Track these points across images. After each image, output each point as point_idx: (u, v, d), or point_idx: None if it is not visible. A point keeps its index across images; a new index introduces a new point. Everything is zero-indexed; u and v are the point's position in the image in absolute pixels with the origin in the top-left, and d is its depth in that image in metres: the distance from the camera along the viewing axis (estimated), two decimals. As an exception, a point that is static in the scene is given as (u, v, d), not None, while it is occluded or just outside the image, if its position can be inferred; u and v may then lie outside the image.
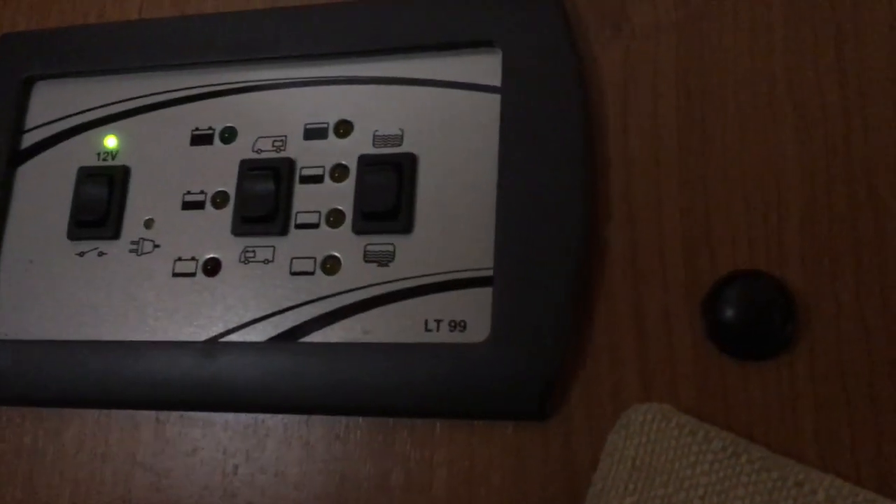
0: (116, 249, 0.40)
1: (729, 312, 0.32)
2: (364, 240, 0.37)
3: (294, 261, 0.38)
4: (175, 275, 0.39)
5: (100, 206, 0.40)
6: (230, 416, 0.37)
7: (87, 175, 0.41)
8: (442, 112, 0.38)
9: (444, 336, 0.35)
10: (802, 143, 0.34)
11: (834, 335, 0.32)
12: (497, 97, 0.37)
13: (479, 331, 0.35)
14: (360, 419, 0.36)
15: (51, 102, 0.43)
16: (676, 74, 0.36)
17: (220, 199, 0.39)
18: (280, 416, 0.36)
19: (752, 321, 0.32)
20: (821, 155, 0.33)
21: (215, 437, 0.37)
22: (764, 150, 0.34)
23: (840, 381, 0.31)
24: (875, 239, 0.32)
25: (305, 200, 0.38)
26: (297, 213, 0.38)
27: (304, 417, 0.36)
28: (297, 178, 0.39)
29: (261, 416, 0.37)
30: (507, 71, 0.37)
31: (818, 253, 0.32)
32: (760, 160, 0.34)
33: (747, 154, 0.34)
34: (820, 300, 0.32)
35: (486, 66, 0.38)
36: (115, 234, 0.40)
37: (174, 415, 0.38)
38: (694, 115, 0.35)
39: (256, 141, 0.40)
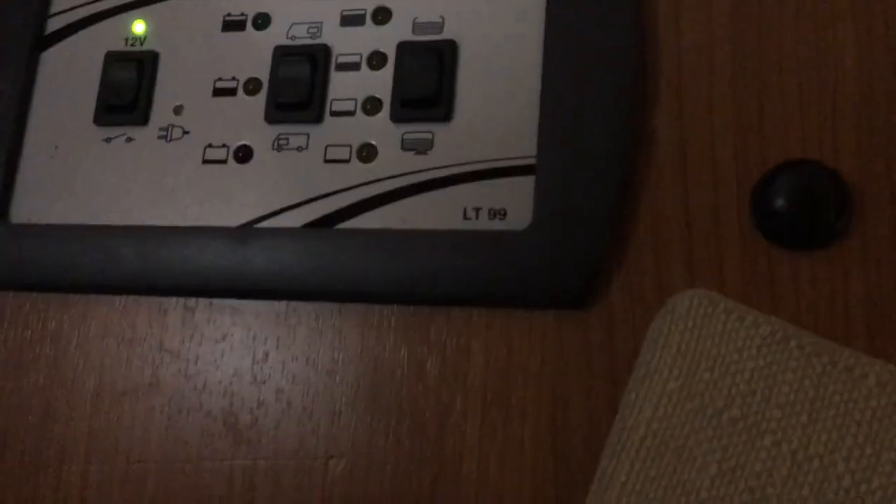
0: (145, 135, 0.39)
1: (781, 200, 0.31)
2: (402, 128, 0.36)
3: (329, 148, 0.37)
4: (205, 161, 0.38)
5: (128, 91, 0.39)
6: (261, 304, 0.36)
7: (115, 59, 0.40)
8: (485, -1, 0.37)
9: (483, 224, 0.34)
10: (860, 32, 0.33)
11: (888, 226, 0.31)
12: (543, -17, 0.36)
13: (519, 219, 0.34)
14: (395, 307, 0.35)
15: (76, -14, 0.42)
16: (731, -38, 0.34)
17: (252, 87, 0.38)
18: (312, 304, 0.36)
19: (805, 209, 0.31)
20: (879, 43, 0.32)
21: (245, 323, 0.36)
22: (820, 37, 0.33)
23: (891, 271, 0.31)
24: (934, 129, 0.31)
25: (341, 88, 0.37)
26: (333, 100, 0.37)
27: (336, 306, 0.35)
28: (332, 65, 0.38)
29: (292, 303, 0.36)
30: (555, -44, 0.36)
31: (873, 143, 0.32)
32: (816, 48, 0.33)
33: (803, 42, 0.33)
34: (874, 191, 0.31)
35: (532, -48, 0.36)
36: (144, 121, 0.39)
37: (203, 301, 0.37)
38: (749, 3, 0.34)
39: (291, 27, 0.39)
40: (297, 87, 0.37)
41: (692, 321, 0.30)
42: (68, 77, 0.41)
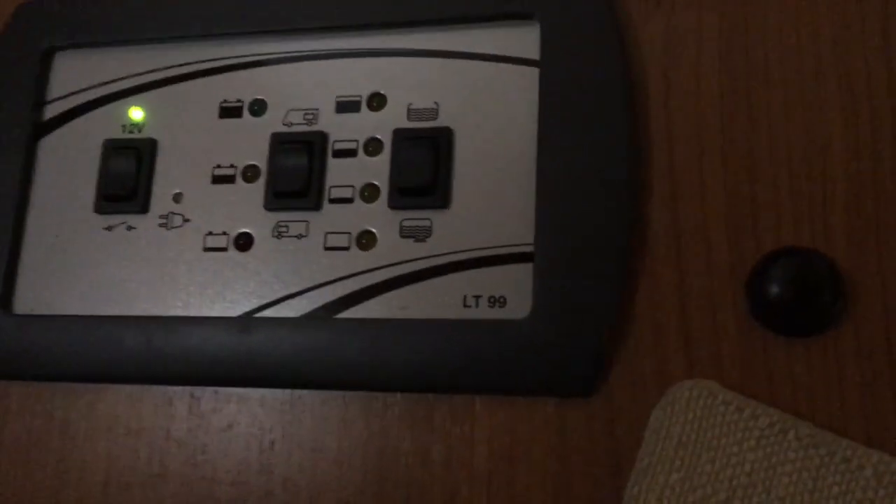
0: (145, 224, 0.39)
1: (775, 289, 0.32)
2: (400, 215, 0.37)
3: (328, 236, 0.37)
4: (206, 249, 0.38)
5: (128, 179, 0.39)
6: (266, 392, 0.37)
7: (113, 148, 0.40)
8: (478, 85, 0.37)
9: (483, 312, 0.35)
10: (848, 119, 0.33)
11: (880, 312, 0.32)
12: (535, 70, 0.36)
13: (519, 307, 0.34)
14: (399, 395, 0.35)
15: (72, 73, 0.42)
16: (719, 48, 0.35)
17: (250, 174, 0.39)
18: (317, 392, 0.36)
19: (798, 298, 0.32)
20: (867, 131, 0.33)
21: (251, 412, 0.37)
22: (809, 125, 0.34)
23: (886, 357, 0.31)
24: (923, 216, 0.32)
25: (339, 175, 0.38)
26: (331, 187, 0.38)
27: (340, 394, 0.36)
28: (329, 152, 0.38)
29: (297, 391, 0.36)
30: (546, 44, 0.36)
31: (864, 230, 0.32)
32: (805, 136, 0.34)
33: (792, 130, 0.34)
34: (866, 277, 0.32)
35: (524, 39, 0.37)
36: (144, 209, 0.40)
37: (209, 390, 0.37)
38: (738, 91, 0.35)
39: (287, 114, 0.39)
40: (296, 175, 0.38)
41: (692, 413, 0.31)
42: (67, 165, 0.41)
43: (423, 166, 0.36)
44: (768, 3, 0.35)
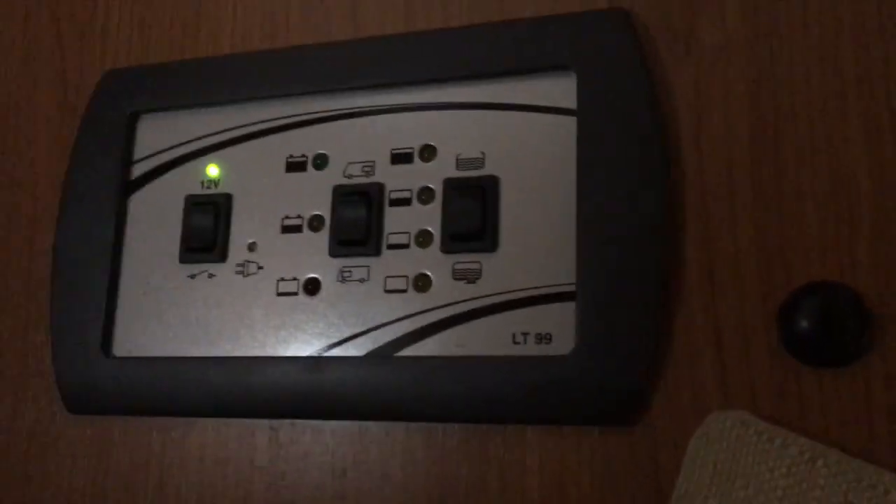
0: (225, 271, 0.44)
1: (804, 323, 0.34)
2: (452, 258, 0.40)
3: (388, 279, 0.41)
4: (279, 294, 0.42)
5: (208, 233, 0.44)
6: (337, 424, 0.40)
7: (194, 204, 0.44)
8: (521, 135, 0.40)
9: (531, 349, 0.38)
10: (872, 156, 0.35)
11: (906, 343, 0.33)
12: (573, 119, 0.39)
13: (564, 343, 0.37)
14: (456, 426, 0.38)
15: (156, 134, 0.47)
16: (747, 91, 0.37)
17: (316, 223, 0.43)
18: (382, 423, 0.40)
19: (826, 331, 0.34)
20: (891, 166, 0.35)
21: (324, 442, 0.40)
22: (835, 163, 0.35)
23: (913, 386, 0.33)
24: (946, 250, 0.33)
25: (395, 222, 0.41)
26: (389, 234, 0.41)
27: (403, 425, 0.39)
28: (386, 202, 0.42)
29: (364, 423, 0.40)
30: (582, 94, 0.39)
31: (890, 264, 0.34)
32: (831, 173, 0.35)
33: (818, 167, 0.35)
34: (892, 309, 0.33)
35: (561, 90, 0.40)
36: (223, 258, 0.44)
37: (286, 423, 0.41)
38: (766, 131, 0.36)
39: (347, 166, 0.43)
40: (356, 225, 0.41)
41: (727, 442, 0.33)
42: (154, 219, 0.46)
43: (472, 213, 0.39)
44: (793, 45, 0.37)
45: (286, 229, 0.43)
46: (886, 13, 0.36)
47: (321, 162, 0.43)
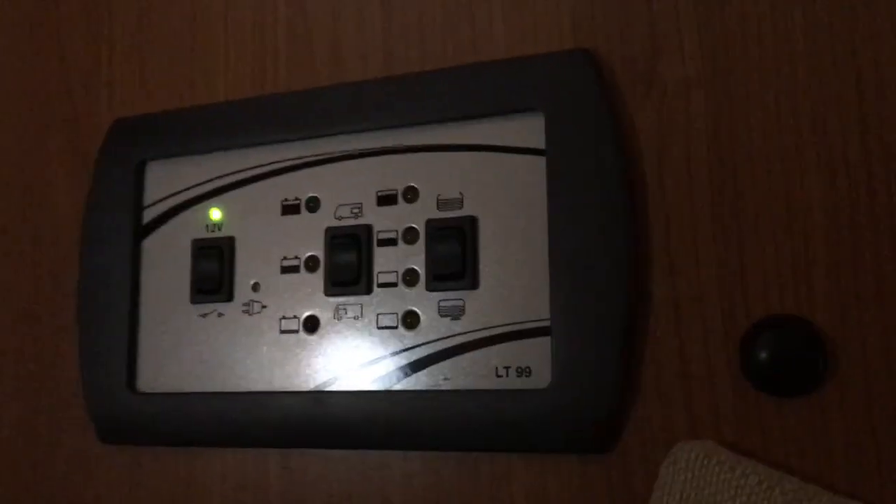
0: (232, 311, 0.47)
1: (763, 354, 0.36)
2: (437, 296, 0.42)
3: (379, 316, 0.43)
4: (282, 332, 0.45)
5: (214, 276, 0.47)
6: (341, 453, 0.44)
7: (200, 248, 0.47)
8: (495, 175, 0.42)
9: (513, 382, 0.40)
10: (828, 192, 0.36)
11: (861, 373, 0.35)
12: (543, 158, 0.41)
13: (542, 376, 0.39)
14: (449, 454, 0.41)
15: (163, 180, 0.50)
16: (707, 128, 0.38)
17: (311, 264, 0.45)
18: (382, 452, 0.43)
19: (784, 362, 0.35)
20: (845, 202, 0.36)
21: (331, 469, 0.44)
22: (791, 199, 0.36)
23: (868, 414, 0.34)
24: (897, 283, 0.34)
25: (384, 262, 0.44)
26: (378, 272, 0.44)
27: (401, 453, 0.42)
28: (374, 242, 0.44)
29: (365, 451, 0.43)
30: (550, 134, 0.40)
31: (845, 297, 0.35)
32: (788, 209, 0.37)
33: (776, 203, 0.37)
34: (848, 340, 0.35)
35: (531, 130, 0.41)
36: (230, 298, 0.47)
37: (295, 451, 0.45)
38: (725, 168, 0.38)
39: (337, 208, 0.45)
40: (348, 267, 0.44)
41: (692, 472, 0.36)
42: (166, 262, 0.49)
43: (453, 254, 0.41)
44: (750, 79, 0.38)
45: (285, 270, 0.46)
46: (840, 49, 0.37)
47: (314, 204, 0.46)
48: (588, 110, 0.40)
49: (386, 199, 0.44)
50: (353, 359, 0.44)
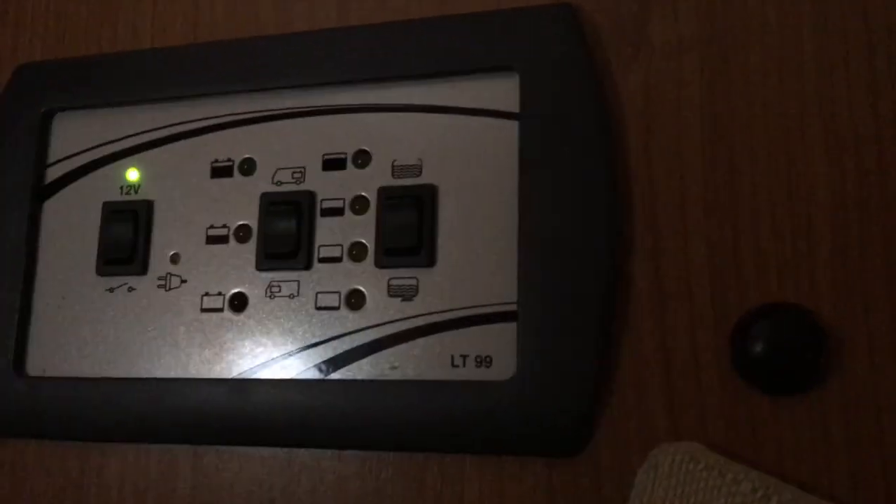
0: (145, 285, 0.40)
1: (757, 347, 0.31)
2: (387, 273, 0.37)
3: (319, 295, 0.38)
4: (203, 310, 0.39)
5: (126, 243, 0.40)
6: (266, 451, 0.38)
7: (112, 212, 0.41)
8: (460, 140, 0.37)
9: (470, 372, 0.35)
10: (834, 168, 0.33)
11: (867, 369, 0.31)
12: (515, 123, 0.36)
13: (505, 366, 0.35)
14: (392, 454, 0.36)
15: (72, 135, 0.43)
16: (701, 96, 0.34)
17: (242, 234, 0.40)
18: (313, 451, 0.37)
19: (781, 356, 0.31)
20: (853, 180, 0.32)
21: (252, 471, 0.38)
22: (793, 175, 0.33)
23: (874, 416, 0.31)
24: (909, 270, 0.31)
25: (327, 234, 0.38)
26: (320, 246, 0.38)
27: (336, 452, 0.37)
28: (318, 211, 0.39)
29: (295, 450, 0.37)
30: (525, 96, 0.36)
31: (850, 284, 0.32)
32: (789, 184, 0.33)
33: (776, 179, 0.33)
34: (852, 333, 0.31)
35: (504, 91, 0.37)
36: (143, 270, 0.41)
37: (211, 449, 0.38)
38: (720, 140, 0.34)
39: (276, 173, 0.40)
40: (285, 237, 0.38)
41: (675, 478, 0.31)
42: (70, 227, 0.42)
43: (407, 226, 0.36)
44: (750, 44, 0.34)
45: (211, 240, 0.40)
46: (850, 10, 0.33)
47: (248, 167, 0.40)
48: (569, 72, 0.36)
49: (333, 164, 0.39)
50: (286, 343, 0.38)
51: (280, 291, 0.38)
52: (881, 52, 0.33)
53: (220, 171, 0.40)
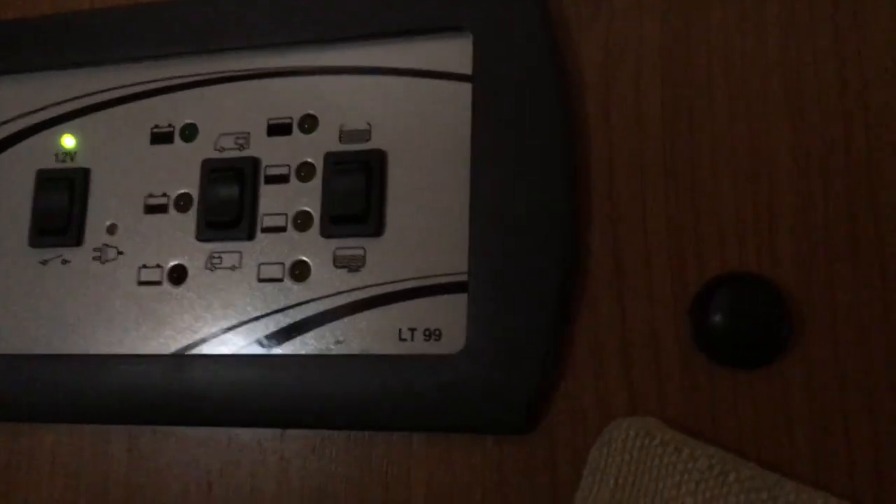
0: (80, 257, 0.38)
1: (717, 318, 0.30)
2: (333, 243, 0.35)
3: (262, 267, 0.36)
4: (141, 283, 0.37)
5: (61, 213, 0.38)
6: (204, 431, 0.36)
7: (46, 179, 0.39)
8: (411, 103, 0.35)
9: (418, 346, 0.33)
10: (797, 134, 0.31)
11: (830, 341, 0.30)
12: (469, 86, 0.34)
13: (454, 340, 0.33)
14: (336, 433, 0.34)
15: (3, 101, 0.41)
16: (661, 58, 0.33)
17: (183, 202, 0.38)
18: (254, 430, 0.35)
19: (741, 327, 0.30)
20: (817, 147, 0.31)
21: (189, 451, 0.36)
22: (755, 141, 0.31)
23: (837, 390, 0.29)
24: (875, 238, 0.30)
25: (271, 202, 0.36)
26: (264, 215, 0.36)
27: (278, 432, 0.35)
28: (261, 179, 0.37)
29: (235, 429, 0.35)
30: (479, 57, 0.34)
31: (813, 253, 0.30)
32: (751, 152, 0.31)
33: (737, 146, 0.32)
34: (815, 304, 0.30)
35: (457, 53, 0.35)
36: (78, 241, 0.38)
37: (147, 429, 0.36)
38: (680, 104, 0.32)
39: (218, 138, 0.38)
40: (227, 205, 0.36)
41: (629, 454, 0.30)
42: (2, 196, 0.40)
43: (354, 194, 0.35)
44: (712, 6, 0.33)
45: (150, 209, 0.38)
46: (815, -27, 0.32)
47: (190, 133, 0.38)
48: (525, 33, 0.34)
49: (278, 129, 0.37)
50: (226, 317, 0.36)
51: (221, 263, 0.36)
52: (847, 15, 0.31)
53: (160, 138, 0.38)
